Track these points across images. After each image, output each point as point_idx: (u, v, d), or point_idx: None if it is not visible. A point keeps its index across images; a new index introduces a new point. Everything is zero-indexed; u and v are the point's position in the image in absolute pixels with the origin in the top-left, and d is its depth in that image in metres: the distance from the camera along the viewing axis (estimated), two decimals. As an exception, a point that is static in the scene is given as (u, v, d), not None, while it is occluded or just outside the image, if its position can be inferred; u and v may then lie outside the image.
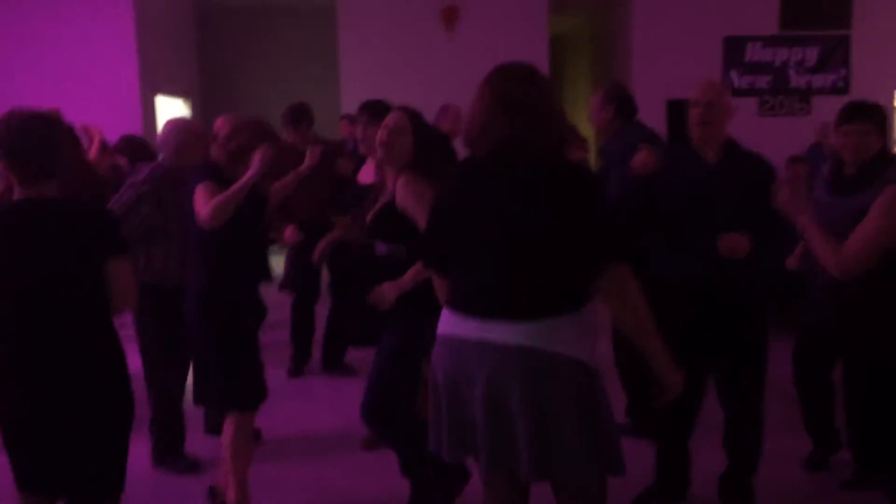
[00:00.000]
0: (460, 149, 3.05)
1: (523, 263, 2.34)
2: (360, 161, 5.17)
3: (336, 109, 10.83)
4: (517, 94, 2.39)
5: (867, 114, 3.50)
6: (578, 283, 2.39)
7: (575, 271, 2.37)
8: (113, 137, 8.33)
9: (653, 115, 9.44)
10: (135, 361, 4.40)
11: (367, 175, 4.56)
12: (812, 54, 10.26)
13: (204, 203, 3.31)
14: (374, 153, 3.86)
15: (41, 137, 2.61)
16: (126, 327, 4.40)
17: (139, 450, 4.32)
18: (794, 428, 4.11)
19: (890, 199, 3.19)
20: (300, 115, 5.73)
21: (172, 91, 11.53)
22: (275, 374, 4.48)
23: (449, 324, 2.47)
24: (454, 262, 2.50)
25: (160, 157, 4.25)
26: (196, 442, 4.42)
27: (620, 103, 4.52)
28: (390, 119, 3.41)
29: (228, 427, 3.50)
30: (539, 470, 2.33)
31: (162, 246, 3.99)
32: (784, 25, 10.27)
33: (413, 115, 3.44)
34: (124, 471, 2.78)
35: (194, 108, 12.57)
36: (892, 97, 10.68)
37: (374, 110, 4.26)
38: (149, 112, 10.38)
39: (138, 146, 6.88)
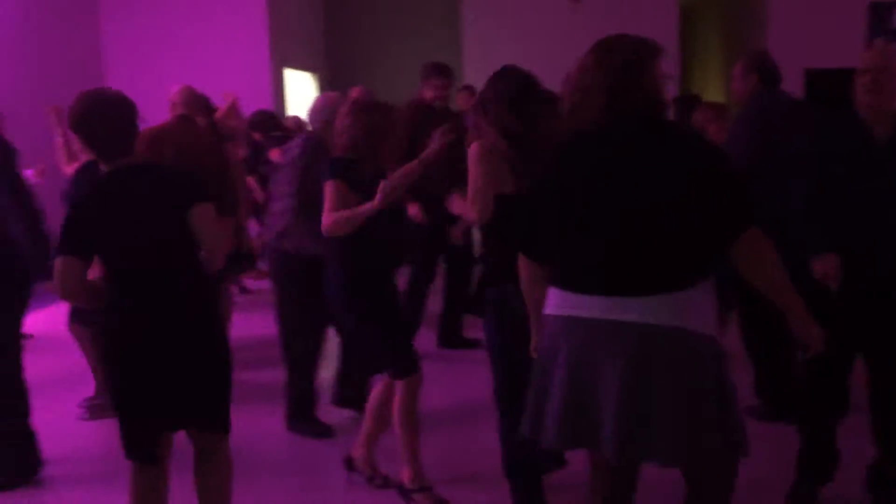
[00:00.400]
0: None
1: (651, 237, 2.27)
2: None
3: (458, 82, 10.79)
4: (623, 67, 2.33)
5: None
6: (705, 252, 2.33)
7: (701, 241, 2.30)
8: (244, 110, 8.57)
9: (790, 87, 9.00)
10: (268, 326, 4.56)
11: None
12: (966, 20, 9.58)
13: (328, 210, 3.34)
14: None
15: (109, 118, 2.81)
16: (262, 294, 4.52)
17: (274, 417, 4.48)
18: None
19: None
20: (441, 68, 5.66)
21: (300, 65, 11.75)
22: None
23: (565, 303, 2.38)
24: (562, 241, 2.41)
25: (309, 129, 4.34)
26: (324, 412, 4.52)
27: (763, 72, 4.34)
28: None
29: (397, 396, 3.47)
30: (680, 456, 2.26)
31: (308, 217, 4.02)
32: (936, -10, 9.62)
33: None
34: (228, 408, 2.98)
35: (321, 82, 12.78)
36: None
37: None
38: (278, 86, 10.61)
39: (270, 120, 7.08)
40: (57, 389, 5.22)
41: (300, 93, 11.69)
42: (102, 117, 2.80)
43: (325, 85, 12.88)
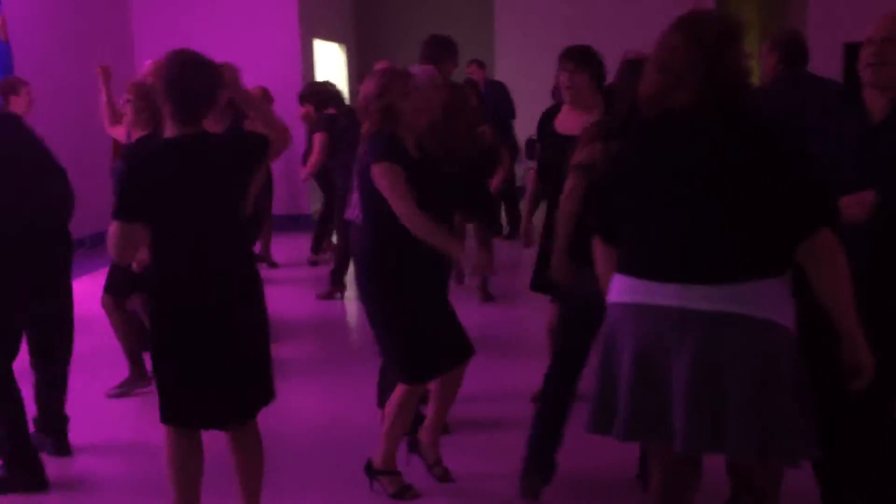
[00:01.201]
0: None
1: (728, 224, 2.18)
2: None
3: (490, 54, 10.66)
4: (717, 45, 2.21)
5: None
6: (782, 245, 2.22)
7: (779, 232, 2.19)
8: (274, 80, 8.48)
9: (829, 61, 8.81)
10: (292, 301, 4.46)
11: (567, 124, 4.08)
12: None
13: (401, 196, 3.16)
14: (579, 102, 3.81)
15: (207, 79, 2.77)
16: (292, 267, 4.41)
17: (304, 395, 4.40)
18: None
19: None
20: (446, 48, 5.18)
21: (328, 36, 11.63)
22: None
23: (634, 291, 2.29)
24: (635, 226, 2.32)
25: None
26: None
27: (785, 52, 4.16)
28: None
29: (394, 394, 3.40)
30: (751, 450, 2.17)
31: None
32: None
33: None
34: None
35: (349, 53, 12.66)
36: None
37: (581, 57, 4.06)
38: (308, 56, 10.50)
39: (324, 93, 6.90)
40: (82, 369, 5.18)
41: (329, 65, 11.58)
42: (198, 80, 2.76)
43: (353, 57, 12.75)
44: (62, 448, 3.85)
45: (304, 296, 6.83)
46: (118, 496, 3.61)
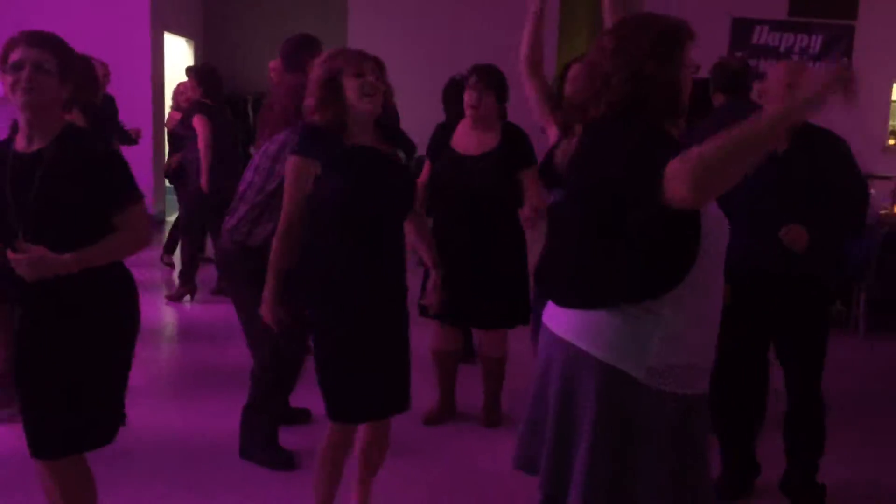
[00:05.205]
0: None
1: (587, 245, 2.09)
2: None
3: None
4: (649, 53, 1.98)
5: None
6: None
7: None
8: (123, 74, 8.26)
9: (717, 35, 9.44)
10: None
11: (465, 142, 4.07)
12: (816, 42, 10.32)
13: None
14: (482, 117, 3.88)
15: None
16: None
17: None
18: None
19: None
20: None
21: (178, 30, 11.42)
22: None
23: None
24: None
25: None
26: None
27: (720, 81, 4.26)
28: None
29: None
30: None
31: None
32: (792, 11, 10.30)
33: None
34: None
35: (196, 49, 12.45)
36: (891, 89, 10.79)
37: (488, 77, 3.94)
38: (158, 50, 10.32)
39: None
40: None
41: (176, 60, 11.36)
42: None
43: (200, 52, 12.53)
44: None
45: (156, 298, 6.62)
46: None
